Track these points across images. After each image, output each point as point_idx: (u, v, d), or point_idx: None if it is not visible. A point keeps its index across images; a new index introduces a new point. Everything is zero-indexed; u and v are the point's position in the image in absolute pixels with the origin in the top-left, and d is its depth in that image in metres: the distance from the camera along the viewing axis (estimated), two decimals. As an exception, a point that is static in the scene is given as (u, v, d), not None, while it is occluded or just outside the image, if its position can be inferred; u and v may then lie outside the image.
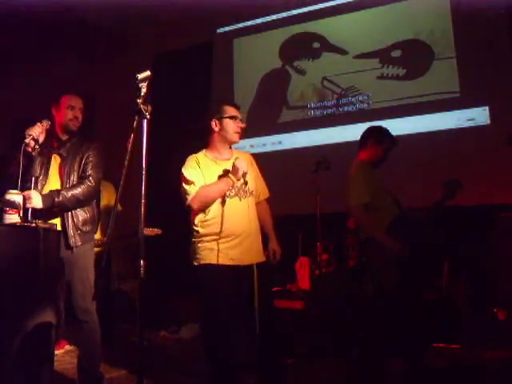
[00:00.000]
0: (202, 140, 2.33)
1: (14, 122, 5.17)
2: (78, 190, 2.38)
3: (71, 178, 2.45)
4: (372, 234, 2.60)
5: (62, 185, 2.43)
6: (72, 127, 2.50)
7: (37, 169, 2.36)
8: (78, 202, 2.40)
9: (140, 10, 4.92)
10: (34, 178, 2.32)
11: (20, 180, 2.17)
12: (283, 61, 4.98)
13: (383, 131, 2.86)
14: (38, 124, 2.31)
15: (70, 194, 2.35)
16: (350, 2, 4.71)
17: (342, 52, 4.67)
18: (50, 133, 2.42)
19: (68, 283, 2.40)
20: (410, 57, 4.38)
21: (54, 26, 5.19)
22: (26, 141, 2.23)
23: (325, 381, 2.84)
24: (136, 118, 1.52)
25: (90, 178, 2.43)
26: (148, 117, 1.51)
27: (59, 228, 2.37)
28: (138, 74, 1.53)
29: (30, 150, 2.25)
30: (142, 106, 1.51)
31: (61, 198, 2.31)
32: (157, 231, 3.57)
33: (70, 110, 2.50)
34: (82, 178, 2.45)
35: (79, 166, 2.48)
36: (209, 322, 2.22)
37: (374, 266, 2.65)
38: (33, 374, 1.95)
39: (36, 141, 2.27)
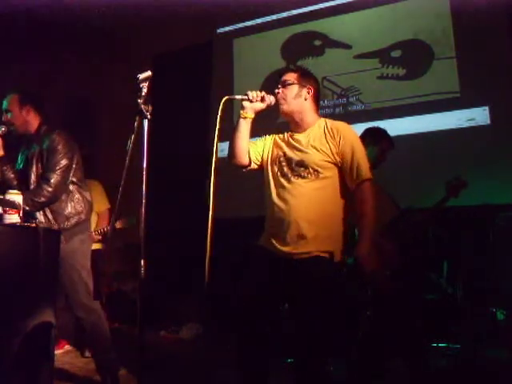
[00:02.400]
0: (201, 140, 2.32)
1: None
2: (36, 196, 2.31)
3: (32, 179, 2.40)
4: None
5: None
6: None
7: None
8: (43, 205, 2.33)
9: (140, 10, 4.92)
10: None
11: None
12: (286, 60, 4.95)
13: (380, 132, 2.84)
14: None
15: (29, 199, 2.28)
16: (349, 2, 4.70)
17: (344, 47, 4.63)
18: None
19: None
20: (410, 57, 4.37)
21: (53, 26, 5.18)
22: None
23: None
24: (137, 118, 1.52)
25: (49, 182, 2.32)
26: (149, 117, 1.51)
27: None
28: (139, 74, 1.52)
29: None
30: (142, 106, 1.51)
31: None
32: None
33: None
34: (41, 179, 2.36)
35: (37, 165, 2.41)
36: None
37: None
38: (33, 373, 1.94)
39: None
